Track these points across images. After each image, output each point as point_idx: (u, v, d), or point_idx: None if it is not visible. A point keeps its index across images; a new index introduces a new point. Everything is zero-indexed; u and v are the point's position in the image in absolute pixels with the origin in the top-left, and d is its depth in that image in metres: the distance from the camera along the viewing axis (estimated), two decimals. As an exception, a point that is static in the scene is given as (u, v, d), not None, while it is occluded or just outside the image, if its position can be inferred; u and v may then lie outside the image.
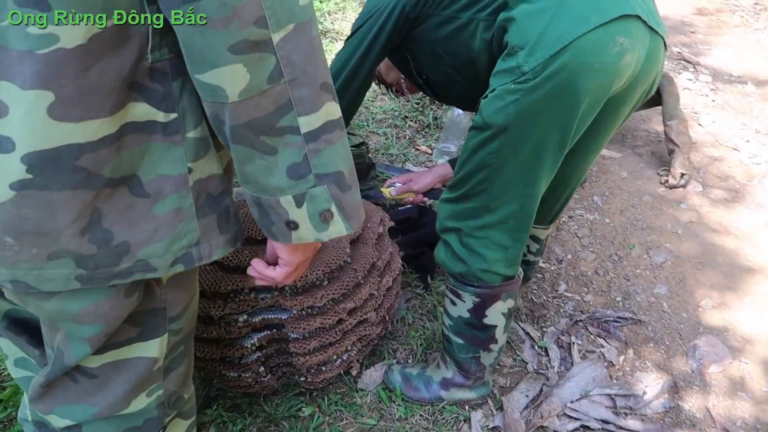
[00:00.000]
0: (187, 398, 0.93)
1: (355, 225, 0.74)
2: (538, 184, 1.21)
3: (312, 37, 0.62)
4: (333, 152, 0.67)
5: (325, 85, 0.64)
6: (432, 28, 1.37)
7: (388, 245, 1.58)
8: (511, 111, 1.11)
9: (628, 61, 1.09)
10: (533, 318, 1.89)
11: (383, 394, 1.54)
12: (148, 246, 0.67)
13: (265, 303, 1.35)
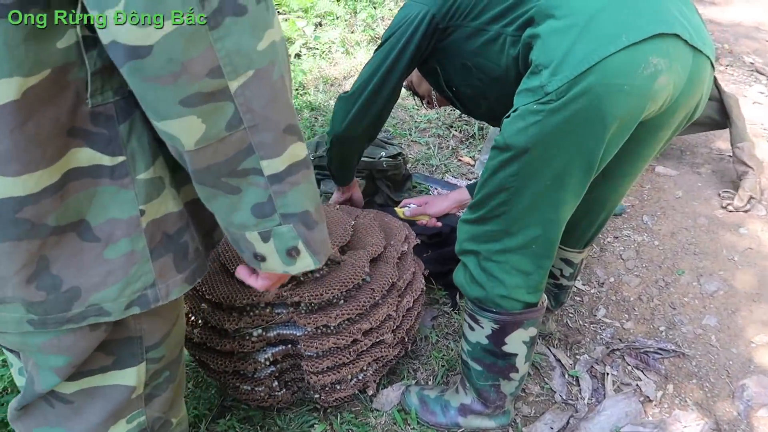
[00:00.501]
0: (177, 422, 0.92)
1: (323, 258, 0.73)
2: (561, 209, 1.15)
3: (273, 82, 0.60)
4: (298, 192, 0.66)
5: (289, 128, 0.63)
6: (461, 40, 1.33)
7: (411, 264, 1.54)
8: (533, 133, 1.05)
9: (662, 84, 1.01)
10: (566, 344, 1.80)
11: (398, 415, 1.50)
12: (100, 291, 0.67)
13: (280, 318, 1.35)
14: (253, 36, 0.56)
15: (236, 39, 0.55)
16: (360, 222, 1.58)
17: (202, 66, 0.54)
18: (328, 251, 0.74)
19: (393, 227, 1.60)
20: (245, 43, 0.56)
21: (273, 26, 0.59)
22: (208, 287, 1.35)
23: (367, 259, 1.42)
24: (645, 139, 1.18)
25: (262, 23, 0.57)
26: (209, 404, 1.52)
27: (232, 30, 0.54)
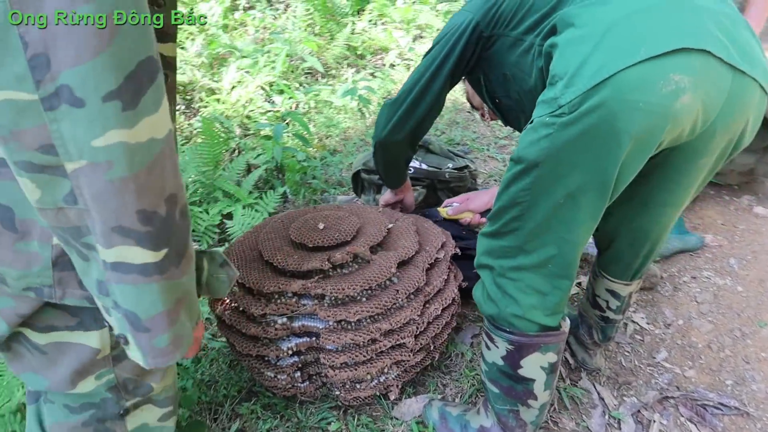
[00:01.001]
0: (160, 389, 0.97)
1: (155, 363, 0.73)
2: (576, 229, 1.08)
3: (107, 181, 0.59)
4: (126, 292, 0.66)
5: (119, 229, 0.61)
6: (503, 50, 1.31)
7: (444, 272, 1.52)
8: (544, 146, 1.00)
9: (686, 104, 0.92)
10: (615, 383, 1.68)
11: (416, 427, 1.47)
12: (4, 267, 0.72)
13: (305, 310, 1.38)
14: (90, 129, 0.56)
15: (71, 126, 0.55)
16: (398, 225, 1.59)
17: (33, 139, 0.56)
18: (170, 360, 0.74)
19: (431, 234, 1.59)
20: (81, 134, 0.56)
21: (125, 128, 0.57)
22: (242, 272, 1.42)
23: (395, 260, 1.42)
24: (682, 166, 1.09)
25: (104, 122, 0.56)
26: (239, 387, 1.59)
27: (67, 117, 0.55)
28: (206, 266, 0.83)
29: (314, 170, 2.71)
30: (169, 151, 0.63)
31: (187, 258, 0.70)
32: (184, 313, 0.73)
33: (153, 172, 0.60)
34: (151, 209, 0.62)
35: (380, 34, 4.16)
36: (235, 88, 3.39)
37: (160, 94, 0.60)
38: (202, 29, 3.99)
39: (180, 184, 0.66)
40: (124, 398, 0.92)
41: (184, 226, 0.68)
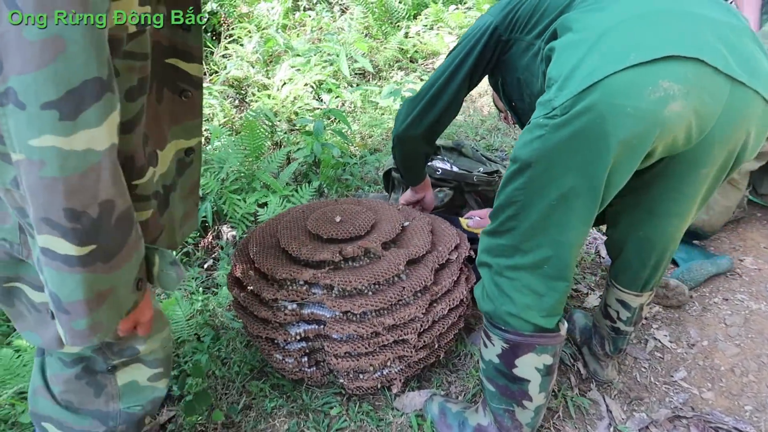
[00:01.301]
0: (147, 350, 1.05)
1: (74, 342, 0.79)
2: (570, 231, 1.09)
3: (39, 177, 0.65)
4: (51, 275, 0.73)
5: (47, 220, 0.68)
6: (517, 54, 1.33)
7: (455, 273, 1.54)
8: (536, 147, 1.02)
9: (676, 111, 0.92)
10: (626, 397, 1.65)
11: (415, 420, 1.50)
12: None
13: (314, 298, 1.44)
14: (28, 129, 0.63)
15: (15, 123, 0.63)
16: (413, 224, 1.62)
17: None
18: (87, 342, 0.80)
19: (446, 234, 1.62)
20: (21, 132, 0.64)
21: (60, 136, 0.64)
22: (259, 257, 1.50)
23: (404, 258, 1.46)
24: (683, 175, 1.08)
25: (41, 127, 0.63)
26: (251, 366, 1.67)
27: (12, 115, 0.63)
28: (157, 261, 0.90)
29: (352, 167, 2.78)
30: (109, 162, 0.69)
31: (120, 258, 0.77)
32: (108, 306, 0.79)
33: (86, 178, 0.67)
34: (81, 209, 0.68)
35: (432, 39, 4.19)
36: (285, 84, 3.52)
37: (105, 112, 0.67)
38: (260, 27, 4.15)
39: (120, 194, 0.73)
40: (111, 358, 1.01)
41: (120, 229, 0.75)
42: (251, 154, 2.54)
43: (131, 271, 0.81)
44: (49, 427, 1.07)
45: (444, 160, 2.23)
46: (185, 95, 0.93)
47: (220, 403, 1.57)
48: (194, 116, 0.98)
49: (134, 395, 1.08)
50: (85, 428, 1.06)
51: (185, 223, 1.08)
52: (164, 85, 0.90)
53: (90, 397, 1.05)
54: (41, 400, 1.06)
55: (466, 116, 3.40)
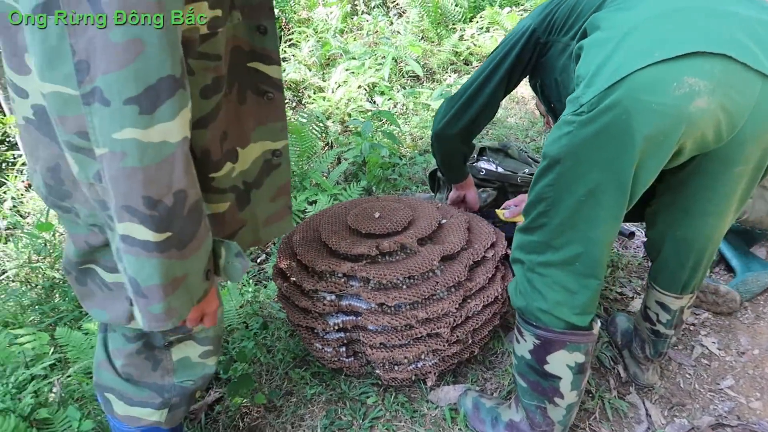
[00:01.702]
0: (198, 329, 1.13)
1: (150, 326, 0.86)
2: (600, 228, 1.10)
3: (121, 168, 0.71)
4: (130, 261, 0.80)
5: (128, 208, 0.74)
6: (555, 55, 1.34)
7: (490, 271, 1.57)
8: (564, 143, 1.04)
9: (701, 107, 0.92)
10: (668, 403, 1.62)
11: (449, 413, 1.54)
12: (78, 204, 0.90)
13: (352, 290, 1.50)
14: (111, 124, 0.69)
15: (99, 120, 0.69)
16: (450, 222, 1.66)
17: (73, 125, 0.73)
18: (163, 326, 0.86)
19: (482, 232, 1.64)
20: (105, 127, 0.70)
21: (139, 129, 0.70)
22: (301, 249, 1.58)
23: (439, 254, 1.49)
24: (717, 173, 1.07)
25: (123, 121, 0.69)
26: (294, 354, 1.75)
27: (98, 112, 0.70)
28: (223, 254, 0.96)
29: (401, 167, 2.84)
30: (182, 154, 0.76)
31: (192, 247, 0.83)
32: (182, 291, 0.86)
33: (162, 168, 0.74)
34: (157, 198, 0.75)
35: (487, 41, 4.19)
36: (340, 87, 3.61)
37: (178, 107, 0.73)
38: (317, 32, 4.28)
39: (192, 185, 0.79)
40: (168, 335, 1.10)
41: (192, 219, 0.81)
42: (303, 155, 2.64)
43: (202, 260, 0.87)
44: (111, 397, 1.18)
45: (489, 161, 2.25)
46: (267, 97, 1.00)
47: (263, 387, 1.65)
48: (278, 118, 1.04)
49: (187, 370, 1.18)
50: (144, 399, 1.16)
51: (272, 223, 1.14)
52: (247, 87, 0.97)
53: (148, 370, 1.15)
54: (104, 373, 1.17)
55: (517, 118, 3.39)
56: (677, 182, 1.19)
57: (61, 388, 1.54)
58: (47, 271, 2.87)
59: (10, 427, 1.31)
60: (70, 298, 2.42)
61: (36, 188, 0.95)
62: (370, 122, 2.71)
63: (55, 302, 2.44)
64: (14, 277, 3.07)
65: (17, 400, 1.43)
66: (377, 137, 2.91)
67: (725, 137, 0.99)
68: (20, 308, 2.57)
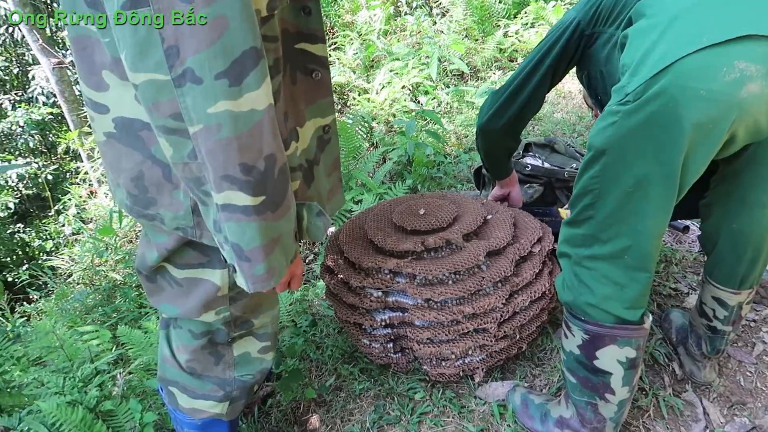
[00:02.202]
0: (259, 324, 1.19)
1: (255, 288, 0.91)
2: (647, 220, 1.08)
3: (216, 140, 0.76)
4: (232, 228, 0.84)
5: (226, 177, 0.79)
6: (600, 47, 1.32)
7: (537, 266, 1.55)
8: (609, 134, 1.03)
9: (754, 93, 0.89)
10: (727, 401, 1.56)
11: (497, 409, 1.53)
12: (163, 209, 0.95)
13: (398, 286, 1.52)
14: (205, 100, 0.74)
15: (192, 98, 0.74)
16: (496, 217, 1.65)
17: (167, 108, 0.76)
18: (266, 286, 0.91)
19: (529, 227, 1.63)
20: (199, 104, 0.74)
21: (231, 100, 0.75)
22: (348, 247, 1.61)
23: (485, 249, 1.49)
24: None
25: (216, 94, 0.74)
26: (342, 350, 1.78)
27: (190, 92, 0.74)
28: (306, 215, 1.01)
29: (446, 166, 2.84)
30: (268, 120, 0.80)
31: (283, 208, 0.89)
32: (279, 250, 0.92)
33: (253, 135, 0.79)
34: (251, 163, 0.80)
35: (532, 37, 4.13)
36: (384, 88, 3.64)
37: (261, 76, 0.78)
38: (361, 34, 4.33)
39: (279, 148, 0.84)
40: (233, 330, 1.15)
41: (281, 181, 0.86)
42: (348, 155, 2.68)
43: (291, 220, 0.93)
44: (175, 390, 1.24)
45: (535, 156, 2.23)
46: (315, 75, 1.04)
47: (313, 382, 1.69)
48: (326, 95, 1.08)
49: (247, 365, 1.23)
50: (206, 392, 1.22)
51: (332, 197, 1.20)
52: (296, 68, 1.02)
53: (211, 365, 1.20)
54: (169, 368, 1.23)
55: (564, 113, 3.33)
56: (731, 172, 1.16)
57: (124, 382, 1.62)
58: (109, 274, 3.02)
59: (78, 417, 1.38)
60: (131, 299, 2.54)
61: (120, 202, 1.01)
62: (414, 121, 2.72)
63: (116, 303, 2.57)
64: (79, 280, 3.24)
65: (83, 393, 1.51)
66: (422, 136, 2.92)
67: None
68: (84, 309, 2.72)
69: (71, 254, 3.64)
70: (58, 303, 2.92)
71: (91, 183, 4.58)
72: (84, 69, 0.89)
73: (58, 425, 1.36)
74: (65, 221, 4.44)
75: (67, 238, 4.23)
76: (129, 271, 2.92)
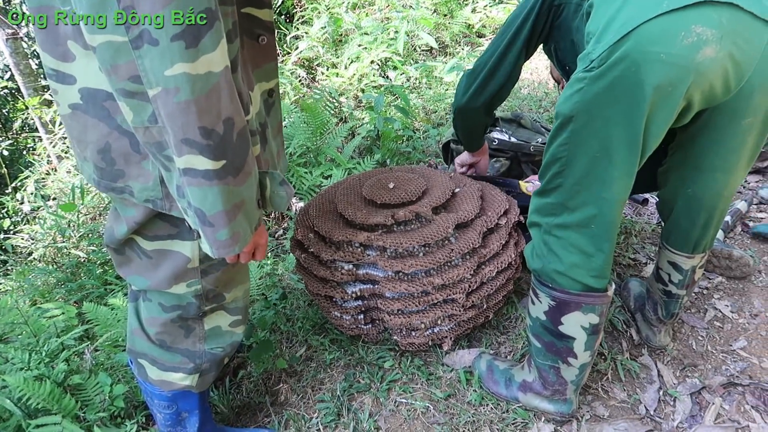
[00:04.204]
0: (231, 298, 1.20)
1: (219, 253, 0.92)
2: (612, 187, 1.12)
3: (175, 103, 0.76)
4: (194, 193, 0.85)
5: (186, 140, 0.79)
6: (569, 17, 1.35)
7: (504, 237, 1.59)
8: (576, 100, 1.06)
9: (709, 56, 0.93)
10: (680, 364, 1.65)
11: (464, 376, 1.58)
12: (132, 181, 0.95)
13: (368, 259, 1.54)
14: (162, 62, 0.74)
15: (150, 60, 0.74)
16: (464, 190, 1.69)
17: (125, 71, 0.76)
18: (230, 252, 0.93)
19: (496, 200, 1.67)
20: (156, 66, 0.74)
21: (188, 62, 0.74)
22: (318, 221, 1.62)
23: (453, 222, 1.52)
24: (726, 127, 1.08)
25: (172, 57, 0.73)
26: (313, 322, 1.80)
27: (148, 53, 0.74)
28: (269, 184, 1.02)
29: (415, 141, 2.86)
30: (225, 82, 0.80)
31: (245, 172, 0.89)
32: (242, 216, 0.92)
33: (210, 98, 0.79)
34: (210, 127, 0.80)
35: (500, 13, 4.15)
36: (352, 63, 3.62)
37: (217, 38, 0.77)
38: (329, 8, 4.27)
39: (237, 110, 0.84)
40: (204, 304, 1.15)
41: (240, 145, 0.86)
42: (317, 130, 2.67)
43: (253, 186, 0.93)
44: (144, 363, 1.24)
45: (502, 131, 2.26)
46: (261, 39, 1.04)
47: (284, 353, 1.71)
48: (271, 59, 1.08)
49: (217, 338, 1.24)
50: (176, 364, 1.23)
51: (280, 160, 1.19)
52: (243, 33, 1.01)
53: (181, 338, 1.21)
54: (138, 340, 1.23)
55: (531, 89, 3.38)
56: (687, 139, 1.21)
57: (92, 357, 1.61)
58: (72, 251, 2.96)
59: (46, 391, 1.38)
60: (95, 276, 2.50)
61: (88, 177, 1.00)
62: (383, 96, 2.72)
63: (81, 281, 2.53)
64: (41, 259, 3.17)
65: (50, 368, 1.50)
66: (390, 111, 2.93)
67: (733, 88, 1.00)
68: (47, 287, 2.67)
69: (31, 232, 3.54)
70: (18, 280, 2.85)
71: (50, 159, 4.44)
72: (48, 40, 0.87)
73: (26, 399, 1.35)
74: (24, 197, 4.31)
75: (26, 216, 4.12)
76: (93, 248, 2.87)
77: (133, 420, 1.46)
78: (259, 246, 1.05)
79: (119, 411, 1.48)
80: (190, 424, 1.33)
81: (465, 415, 1.48)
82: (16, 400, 1.38)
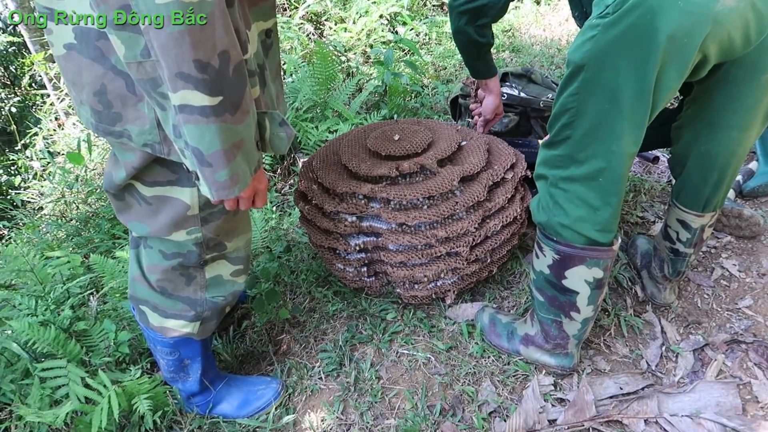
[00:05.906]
0: (232, 248, 1.19)
1: (219, 195, 0.90)
2: (622, 139, 1.09)
3: (167, 33, 0.73)
4: (191, 131, 0.82)
5: (180, 74, 0.76)
6: None
7: (509, 192, 1.57)
8: (588, 48, 1.02)
9: (730, 5, 0.89)
10: (684, 321, 1.64)
11: (466, 328, 1.59)
12: (129, 124, 0.93)
13: (372, 211, 1.53)
14: None
15: None
16: (470, 143, 1.66)
17: (114, 2, 0.73)
18: (230, 193, 0.91)
19: (502, 154, 1.64)
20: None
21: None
22: (322, 172, 1.60)
23: (459, 174, 1.50)
24: (743, 82, 1.04)
25: None
26: (316, 275, 1.81)
27: None
28: (268, 125, 0.99)
29: (423, 97, 2.81)
30: (219, 12, 0.77)
31: (242, 110, 0.86)
32: (241, 157, 0.90)
33: (205, 29, 0.76)
34: (206, 60, 0.78)
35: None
36: (361, 17, 3.54)
37: None
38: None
39: (233, 43, 0.81)
40: (205, 252, 1.15)
41: (237, 81, 0.84)
42: (324, 83, 2.63)
43: (251, 125, 0.91)
44: (145, 309, 1.25)
45: (512, 86, 2.21)
46: None
47: (287, 304, 1.72)
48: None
49: (218, 287, 1.24)
50: (177, 311, 1.23)
51: (279, 103, 1.17)
52: None
53: (182, 285, 1.21)
54: (139, 287, 1.23)
55: (543, 46, 3.29)
56: (703, 93, 1.17)
57: (97, 304, 1.63)
58: (80, 206, 2.97)
59: (51, 336, 1.39)
60: (104, 230, 2.51)
61: (85, 121, 0.98)
62: (392, 51, 2.66)
63: (90, 234, 2.54)
64: (50, 213, 3.19)
65: (56, 314, 1.52)
66: (399, 67, 2.87)
67: (754, 41, 0.96)
68: (56, 240, 2.69)
69: (41, 187, 3.56)
70: (28, 233, 2.88)
71: (58, 115, 4.43)
72: None
73: (31, 343, 1.37)
74: (32, 154, 4.32)
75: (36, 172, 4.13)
76: (102, 203, 2.88)
77: (138, 366, 1.48)
78: (259, 191, 1.03)
79: (124, 357, 1.50)
80: (193, 370, 1.35)
81: (466, 366, 1.49)
82: (23, 344, 1.40)
